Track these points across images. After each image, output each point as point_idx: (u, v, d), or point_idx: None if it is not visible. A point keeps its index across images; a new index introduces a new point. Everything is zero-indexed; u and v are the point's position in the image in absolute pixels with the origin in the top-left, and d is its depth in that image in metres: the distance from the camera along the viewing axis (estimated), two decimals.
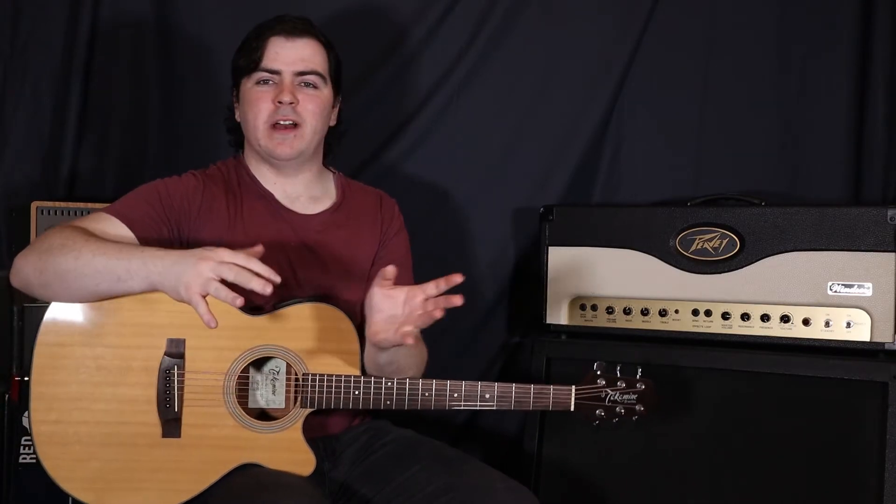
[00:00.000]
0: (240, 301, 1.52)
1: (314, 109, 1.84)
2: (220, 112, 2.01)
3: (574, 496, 2.17)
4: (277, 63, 1.82)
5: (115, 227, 1.72)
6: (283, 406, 1.75)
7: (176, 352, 1.67)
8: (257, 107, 1.82)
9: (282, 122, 1.81)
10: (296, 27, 1.84)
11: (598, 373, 1.79)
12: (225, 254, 1.56)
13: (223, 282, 1.54)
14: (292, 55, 1.82)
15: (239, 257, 1.55)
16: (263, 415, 1.75)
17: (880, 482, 1.87)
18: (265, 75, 1.82)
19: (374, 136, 2.51)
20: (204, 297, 1.54)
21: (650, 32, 2.51)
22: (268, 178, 1.90)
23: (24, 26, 2.34)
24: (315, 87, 1.85)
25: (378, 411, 1.89)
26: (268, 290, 1.54)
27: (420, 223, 2.11)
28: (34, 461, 1.68)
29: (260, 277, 1.54)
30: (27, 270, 1.66)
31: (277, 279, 1.56)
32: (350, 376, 1.72)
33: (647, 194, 2.52)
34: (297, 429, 1.71)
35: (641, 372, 1.80)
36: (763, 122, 2.50)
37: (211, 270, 1.54)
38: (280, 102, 1.80)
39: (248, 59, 1.83)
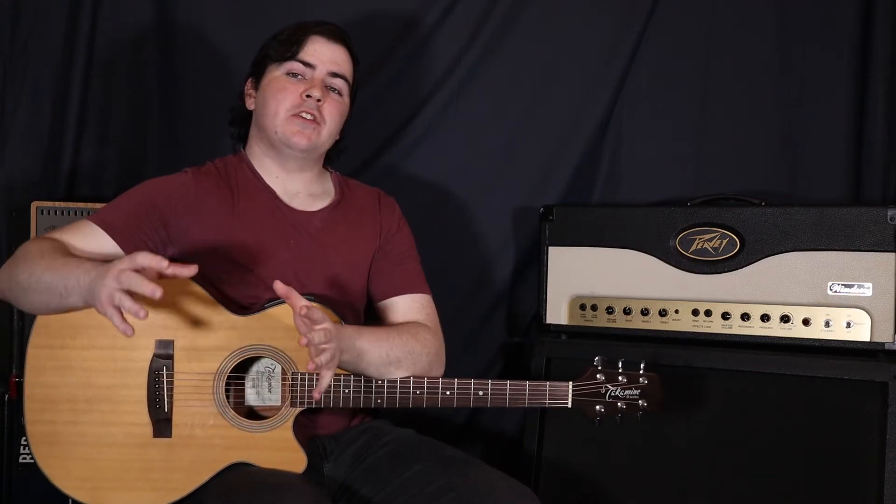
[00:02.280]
0: (143, 313, 1.48)
1: (335, 113, 1.87)
2: (221, 111, 2.01)
3: (574, 496, 2.17)
4: (314, 58, 1.85)
5: (96, 237, 1.73)
6: (279, 403, 1.75)
7: (165, 353, 1.68)
8: (282, 95, 1.84)
9: (304, 115, 1.83)
10: (336, 33, 1.89)
11: (599, 368, 1.77)
12: (121, 262, 1.52)
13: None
14: (329, 55, 1.86)
15: (125, 262, 1.51)
16: (253, 414, 1.75)
17: (880, 482, 1.87)
18: (299, 67, 1.85)
19: (375, 136, 2.51)
20: (116, 308, 1.51)
21: (650, 32, 2.51)
22: (270, 173, 1.90)
23: (24, 26, 2.34)
24: (340, 93, 1.89)
25: (378, 411, 1.89)
26: (157, 294, 1.48)
27: (420, 223, 2.11)
28: (34, 461, 1.68)
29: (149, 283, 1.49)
30: (1, 286, 1.71)
31: (158, 293, 1.48)
32: (339, 375, 1.72)
33: (647, 194, 2.52)
34: (287, 427, 1.71)
35: (645, 366, 1.78)
36: (763, 121, 2.50)
37: (114, 280, 1.51)
38: (308, 96, 1.83)
39: (285, 49, 1.85)
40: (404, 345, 1.79)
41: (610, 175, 2.59)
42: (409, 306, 1.92)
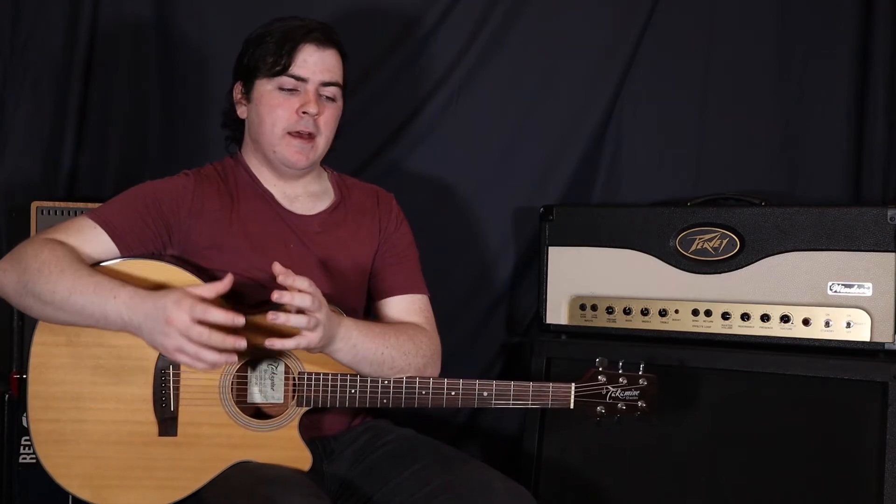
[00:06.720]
0: (241, 319, 1.54)
1: (330, 121, 1.85)
2: (220, 112, 2.01)
3: (573, 496, 2.17)
4: (306, 71, 1.80)
5: (97, 238, 1.70)
6: (282, 401, 1.75)
7: None
8: (276, 113, 1.80)
9: (301, 132, 1.81)
10: (326, 37, 1.82)
11: (600, 369, 1.78)
12: (189, 313, 1.52)
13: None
14: (321, 64, 1.81)
15: (197, 311, 1.53)
16: (259, 413, 1.75)
17: (880, 482, 1.87)
18: (291, 82, 1.80)
19: (376, 135, 2.51)
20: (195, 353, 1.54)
21: (650, 32, 2.51)
22: (268, 179, 1.89)
23: (24, 26, 2.34)
24: (334, 99, 1.85)
25: (378, 411, 1.89)
26: (239, 321, 1.54)
27: (420, 222, 2.11)
28: (34, 461, 1.68)
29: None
30: (7, 290, 1.67)
31: (241, 321, 1.55)
32: (346, 374, 1.72)
33: (647, 194, 2.52)
34: (293, 427, 1.71)
35: (644, 367, 1.79)
36: (763, 121, 2.50)
37: (180, 335, 1.52)
38: (305, 113, 1.79)
39: (274, 62, 1.79)
40: (399, 344, 1.78)
41: (610, 175, 2.59)
42: (406, 307, 1.91)
